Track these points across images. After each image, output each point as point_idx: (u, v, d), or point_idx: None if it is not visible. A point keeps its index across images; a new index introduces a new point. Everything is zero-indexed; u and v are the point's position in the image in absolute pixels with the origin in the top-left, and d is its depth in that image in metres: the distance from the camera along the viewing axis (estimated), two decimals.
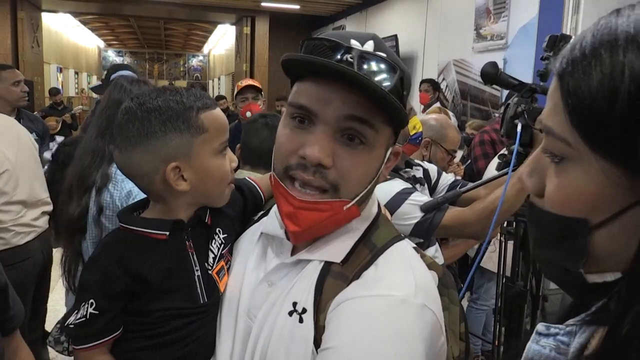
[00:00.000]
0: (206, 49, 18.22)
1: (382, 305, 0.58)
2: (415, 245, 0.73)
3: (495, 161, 1.81)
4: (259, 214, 0.83)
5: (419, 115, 3.71)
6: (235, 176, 0.79)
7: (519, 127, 1.32)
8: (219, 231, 0.78)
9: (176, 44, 18.20)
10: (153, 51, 18.99)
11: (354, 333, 0.56)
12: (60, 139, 4.78)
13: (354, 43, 0.62)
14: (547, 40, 1.34)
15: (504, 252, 1.69)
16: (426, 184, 1.77)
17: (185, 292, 0.72)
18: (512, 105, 1.37)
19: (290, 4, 7.97)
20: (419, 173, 1.76)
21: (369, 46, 0.63)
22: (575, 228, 0.40)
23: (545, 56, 1.35)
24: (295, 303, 0.63)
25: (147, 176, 0.71)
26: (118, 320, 0.70)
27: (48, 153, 1.94)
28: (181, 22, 13.17)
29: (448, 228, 1.42)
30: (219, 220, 0.79)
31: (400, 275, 0.62)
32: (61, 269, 1.39)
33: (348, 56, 0.60)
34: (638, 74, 0.34)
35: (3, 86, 2.74)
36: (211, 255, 0.75)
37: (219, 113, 0.75)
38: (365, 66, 0.61)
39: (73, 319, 0.70)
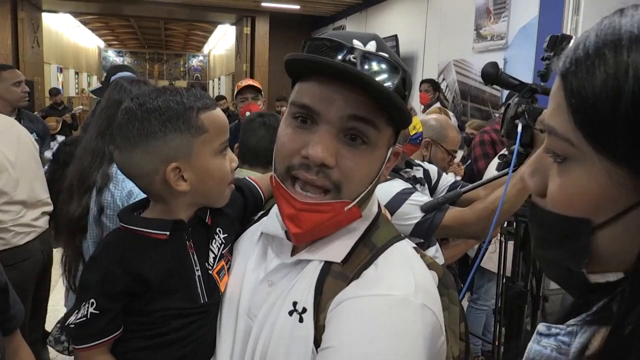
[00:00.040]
0: (206, 49, 18.22)
1: (382, 304, 0.58)
2: (415, 245, 0.73)
3: (495, 161, 1.81)
4: (259, 214, 0.83)
5: (419, 115, 3.71)
6: (234, 175, 0.79)
7: (520, 127, 1.32)
8: (219, 231, 0.78)
9: (176, 44, 18.20)
10: (153, 51, 18.99)
11: (354, 332, 0.56)
12: (61, 139, 4.78)
13: (357, 43, 0.62)
14: (548, 40, 1.34)
15: (504, 252, 1.69)
16: (426, 184, 1.77)
17: (185, 292, 0.72)
18: (513, 105, 1.37)
19: (290, 4, 7.97)
20: (419, 173, 1.76)
21: (372, 46, 0.63)
22: (578, 228, 0.40)
23: (545, 56, 1.35)
24: (295, 303, 0.63)
25: (147, 176, 0.71)
26: (118, 320, 0.70)
27: (49, 152, 1.94)
28: (181, 22, 13.17)
29: (448, 228, 1.42)
30: (219, 220, 0.79)
31: (400, 274, 0.62)
32: (62, 269, 1.39)
33: (351, 56, 0.60)
34: None
35: (4, 86, 2.74)
36: (211, 255, 0.75)
37: (219, 113, 0.75)
38: (368, 66, 0.61)
39: (73, 319, 0.70)
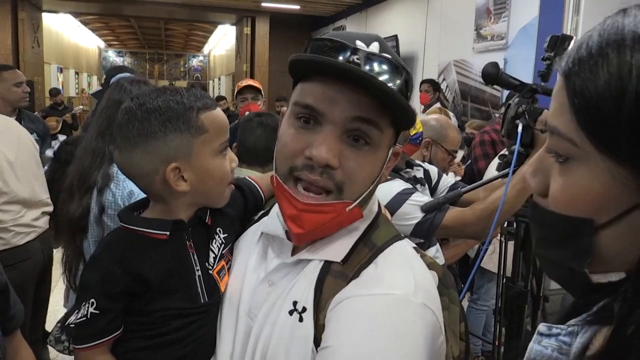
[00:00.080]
0: (206, 50, 18.22)
1: (381, 304, 0.58)
2: (415, 245, 0.73)
3: (495, 161, 1.81)
4: (260, 214, 0.83)
5: (420, 115, 3.71)
6: (234, 175, 0.79)
7: (520, 128, 1.32)
8: (219, 231, 0.78)
9: (176, 44, 18.20)
10: (153, 51, 18.99)
11: (353, 332, 0.56)
12: (63, 138, 4.79)
13: (360, 44, 0.62)
14: (549, 40, 1.34)
15: (505, 253, 1.69)
16: (427, 185, 1.77)
17: (185, 292, 0.72)
18: (513, 105, 1.37)
19: (290, 4, 7.97)
20: (420, 173, 1.76)
21: (375, 47, 0.63)
22: (580, 228, 0.39)
23: (546, 56, 1.35)
24: (295, 302, 0.63)
25: (147, 176, 0.71)
26: (119, 320, 0.70)
27: (50, 151, 1.94)
28: (181, 23, 13.17)
29: (449, 228, 1.42)
30: (219, 220, 0.79)
31: (399, 274, 0.62)
32: (62, 268, 1.39)
33: (355, 57, 0.60)
34: None
35: (5, 87, 2.74)
36: (212, 255, 0.75)
37: (219, 113, 0.75)
38: (371, 67, 0.61)
39: (74, 319, 0.70)
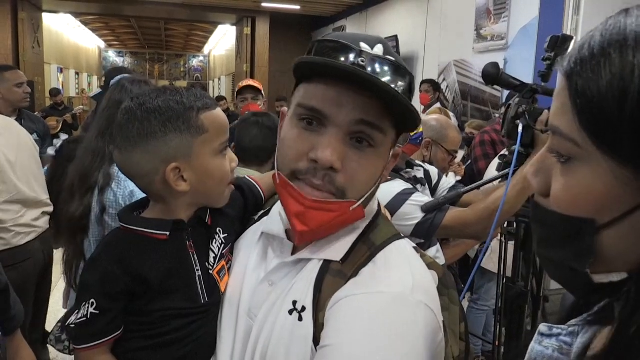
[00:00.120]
0: (207, 50, 18.22)
1: (380, 302, 0.58)
2: (415, 245, 0.73)
3: (496, 162, 1.81)
4: (260, 213, 0.83)
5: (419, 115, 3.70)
6: (234, 175, 0.79)
7: (520, 128, 1.32)
8: (219, 231, 0.78)
9: (177, 45, 18.21)
10: (154, 52, 18.99)
11: (352, 331, 0.56)
12: (65, 137, 4.81)
13: (364, 46, 0.62)
14: (549, 40, 1.34)
15: (505, 253, 1.69)
16: (427, 185, 1.77)
17: (185, 292, 0.72)
18: (514, 105, 1.37)
19: (290, 5, 7.97)
20: (420, 173, 1.76)
21: (379, 50, 0.63)
22: (582, 228, 0.39)
23: (546, 57, 1.35)
24: (295, 302, 0.63)
25: (147, 176, 0.71)
26: (119, 320, 0.70)
27: (52, 149, 1.94)
28: (182, 23, 13.17)
29: (449, 229, 1.41)
30: (219, 220, 0.79)
31: (398, 272, 0.62)
32: (63, 268, 1.39)
33: (360, 59, 0.60)
34: None
35: (6, 87, 2.74)
36: (212, 255, 0.75)
37: (220, 113, 0.75)
38: (376, 69, 0.61)
39: (74, 319, 0.70)
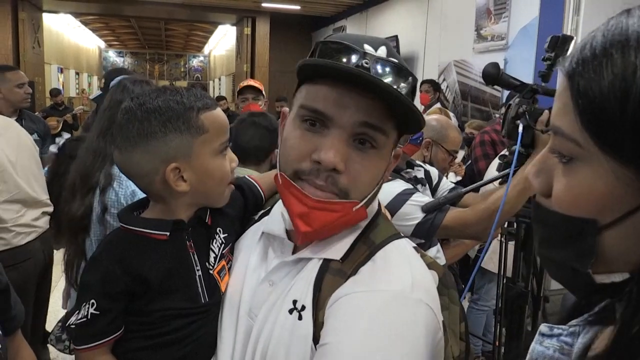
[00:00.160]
0: (207, 50, 18.21)
1: (379, 300, 0.58)
2: (415, 245, 0.73)
3: (496, 162, 1.81)
4: (260, 213, 0.83)
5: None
6: (234, 175, 0.79)
7: (521, 128, 1.32)
8: (219, 231, 0.78)
9: (177, 45, 18.20)
10: (154, 52, 18.98)
11: (352, 329, 0.57)
12: (67, 136, 4.83)
13: (368, 48, 0.62)
14: (549, 40, 1.34)
15: (505, 253, 1.69)
16: (427, 185, 1.77)
17: (185, 292, 0.72)
18: (514, 106, 1.36)
19: (290, 5, 7.97)
20: (420, 174, 1.75)
21: (382, 52, 0.63)
22: (583, 228, 0.39)
23: (546, 57, 1.35)
24: (295, 301, 0.64)
25: (147, 176, 0.71)
26: (119, 320, 0.70)
27: (54, 147, 1.95)
28: (182, 23, 13.17)
29: (449, 229, 1.41)
30: (219, 219, 0.79)
31: (397, 270, 0.62)
32: (63, 268, 1.39)
33: (364, 61, 0.61)
34: None
35: (7, 87, 2.75)
36: (212, 255, 0.75)
37: (220, 113, 0.75)
38: (380, 72, 0.61)
39: (74, 319, 0.70)
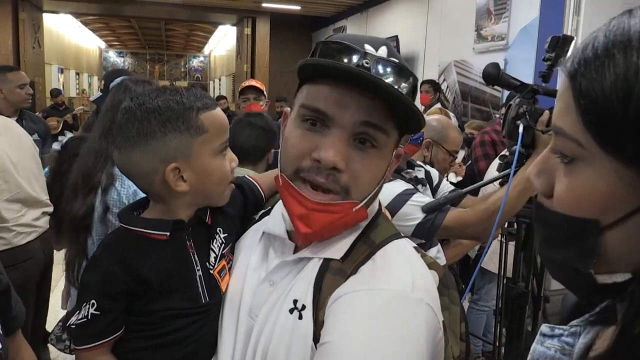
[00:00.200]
0: (207, 50, 18.21)
1: (380, 299, 0.59)
2: (416, 245, 0.73)
3: (496, 162, 1.81)
4: (260, 213, 0.83)
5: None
6: (234, 175, 0.79)
7: (521, 128, 1.32)
8: (220, 230, 0.78)
9: (177, 45, 18.20)
10: (154, 52, 18.99)
11: (351, 328, 0.57)
12: (70, 135, 4.84)
13: (369, 48, 0.62)
14: (549, 41, 1.34)
15: (505, 253, 1.69)
16: (428, 185, 1.77)
17: (186, 292, 0.72)
18: (514, 106, 1.37)
19: (291, 5, 7.97)
20: (421, 174, 1.75)
21: (383, 52, 0.63)
22: (585, 229, 0.39)
23: (547, 57, 1.35)
24: (295, 300, 0.64)
25: (147, 176, 0.71)
26: (119, 321, 0.70)
27: (57, 144, 1.95)
28: (182, 23, 13.17)
29: (449, 229, 1.41)
30: (220, 219, 0.79)
31: (397, 269, 0.62)
32: (64, 267, 1.39)
33: (364, 61, 0.61)
34: None
35: (8, 88, 2.75)
36: (212, 254, 0.75)
37: (219, 113, 0.75)
38: (381, 71, 0.61)
39: (74, 320, 0.70)
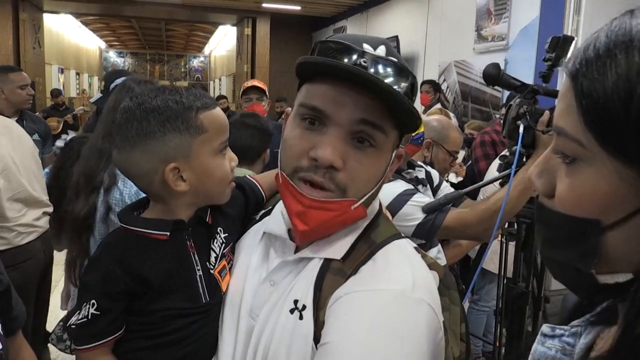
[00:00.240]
0: (207, 50, 18.22)
1: (380, 299, 0.59)
2: (416, 245, 0.73)
3: (496, 162, 1.81)
4: (261, 213, 0.83)
5: (420, 116, 3.71)
6: (234, 174, 0.79)
7: (521, 129, 1.32)
8: (220, 230, 0.77)
9: (177, 45, 18.20)
10: (154, 52, 18.99)
11: (352, 328, 0.57)
12: (73, 135, 4.85)
13: (367, 47, 0.63)
14: (550, 41, 1.34)
15: (505, 253, 1.69)
16: (428, 185, 1.77)
17: (186, 292, 0.72)
18: (515, 106, 1.36)
19: (291, 5, 7.98)
20: (422, 174, 1.75)
21: (381, 51, 0.63)
22: (587, 229, 0.39)
23: (547, 57, 1.35)
24: (296, 301, 0.64)
25: (146, 176, 0.71)
26: (119, 321, 0.70)
27: (61, 141, 1.96)
28: (182, 23, 13.18)
29: (450, 229, 1.41)
30: (220, 219, 0.78)
31: (397, 269, 0.62)
32: (65, 267, 1.39)
33: (362, 60, 0.61)
34: None
35: (9, 88, 2.75)
36: (213, 254, 0.75)
37: (219, 113, 0.75)
38: (378, 70, 0.61)
39: (75, 320, 0.70)
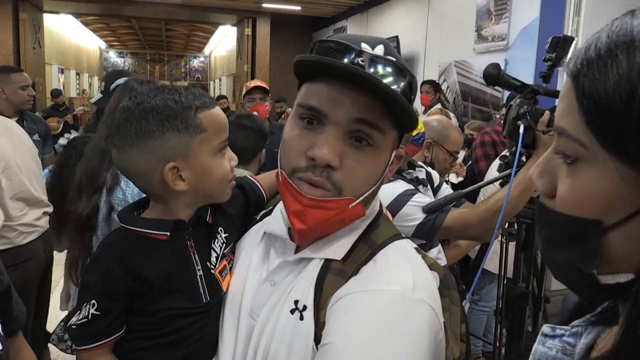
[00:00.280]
0: (207, 50, 18.22)
1: (381, 300, 0.59)
2: (416, 246, 0.73)
3: (497, 162, 1.81)
4: (262, 213, 0.83)
5: (420, 116, 3.71)
6: (234, 174, 0.79)
7: (522, 129, 1.32)
8: (221, 230, 0.77)
9: (177, 45, 18.20)
10: (154, 52, 18.99)
11: (352, 329, 0.57)
12: (75, 134, 4.86)
13: (365, 47, 0.62)
14: (550, 41, 1.34)
15: (506, 254, 1.69)
16: (429, 185, 1.77)
17: (186, 292, 0.72)
18: (515, 106, 1.36)
19: (291, 5, 7.98)
20: (422, 174, 1.75)
21: (379, 50, 0.63)
22: (588, 229, 0.39)
23: (547, 57, 1.35)
24: (296, 301, 0.64)
25: (146, 176, 0.71)
26: (120, 321, 0.70)
27: (64, 139, 1.96)
28: (182, 23, 13.18)
29: (450, 229, 1.41)
30: (221, 219, 0.78)
31: (398, 270, 0.62)
32: (66, 268, 1.39)
33: (359, 59, 0.61)
34: None
35: (10, 89, 2.75)
36: (213, 254, 0.75)
37: (219, 112, 0.75)
38: (376, 69, 0.61)
39: (75, 320, 0.70)
